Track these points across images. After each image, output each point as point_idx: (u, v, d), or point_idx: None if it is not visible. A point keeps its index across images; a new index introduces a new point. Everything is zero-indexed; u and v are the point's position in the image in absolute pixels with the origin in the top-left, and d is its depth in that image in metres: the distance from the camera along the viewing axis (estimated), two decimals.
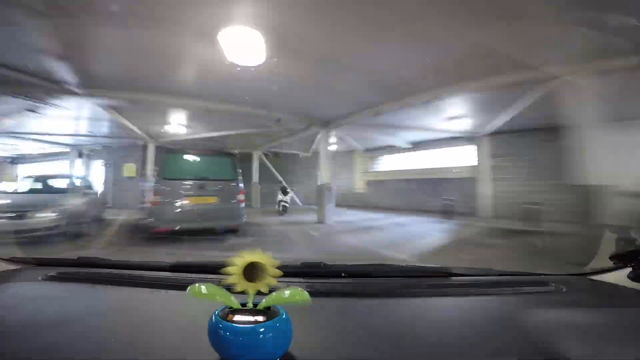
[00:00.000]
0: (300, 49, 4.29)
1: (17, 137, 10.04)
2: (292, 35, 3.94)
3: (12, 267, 1.15)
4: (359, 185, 14.64)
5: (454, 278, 1.06)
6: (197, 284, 0.57)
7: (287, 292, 0.59)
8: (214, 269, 0.60)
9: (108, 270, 1.11)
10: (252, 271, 0.56)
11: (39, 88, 5.32)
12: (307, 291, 0.82)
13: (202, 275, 1.03)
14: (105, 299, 0.90)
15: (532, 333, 0.67)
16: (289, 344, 0.54)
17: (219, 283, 0.58)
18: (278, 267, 0.93)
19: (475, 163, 10.67)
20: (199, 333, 0.58)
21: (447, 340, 0.66)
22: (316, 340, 0.64)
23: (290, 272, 1.01)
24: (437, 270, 1.12)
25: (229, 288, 0.58)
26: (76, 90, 5.54)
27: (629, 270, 0.93)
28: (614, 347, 0.62)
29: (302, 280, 1.00)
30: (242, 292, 0.56)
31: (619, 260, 0.97)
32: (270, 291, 0.66)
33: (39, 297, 0.89)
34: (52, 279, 1.03)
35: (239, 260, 0.57)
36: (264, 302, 0.57)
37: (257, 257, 0.57)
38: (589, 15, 3.45)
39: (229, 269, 0.56)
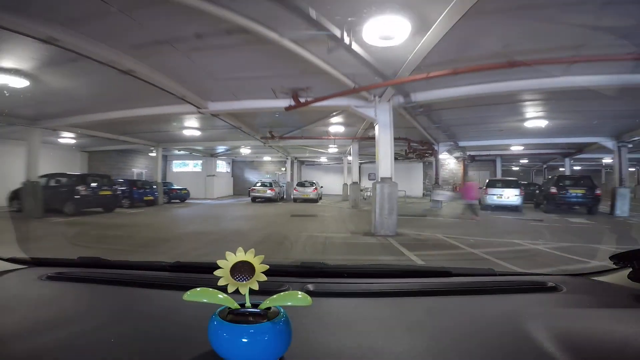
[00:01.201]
0: None
1: None
2: None
3: (12, 267, 1.14)
4: None
5: (454, 278, 1.06)
6: (192, 290, 0.57)
7: (288, 294, 0.59)
8: (213, 269, 0.60)
9: (108, 270, 1.11)
10: (241, 271, 0.57)
11: None
12: (307, 291, 0.80)
13: (201, 275, 1.05)
14: (105, 299, 0.90)
15: (532, 333, 0.66)
16: (289, 344, 0.54)
17: (217, 284, 0.57)
18: (279, 268, 0.95)
19: None
20: (199, 333, 0.58)
21: (447, 340, 0.66)
22: (316, 341, 0.64)
23: (290, 272, 1.04)
24: (437, 270, 1.12)
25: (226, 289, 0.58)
26: None
27: (629, 270, 0.92)
28: (614, 347, 0.62)
29: (302, 280, 1.00)
30: (237, 293, 0.56)
31: (619, 260, 0.96)
32: (271, 292, 0.67)
33: (39, 297, 0.89)
34: (52, 279, 1.02)
35: (224, 262, 0.57)
36: (264, 303, 0.57)
37: (242, 257, 0.57)
38: None
39: (217, 272, 0.57)
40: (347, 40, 4.48)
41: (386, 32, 4.32)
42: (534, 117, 9.96)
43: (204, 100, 8.24)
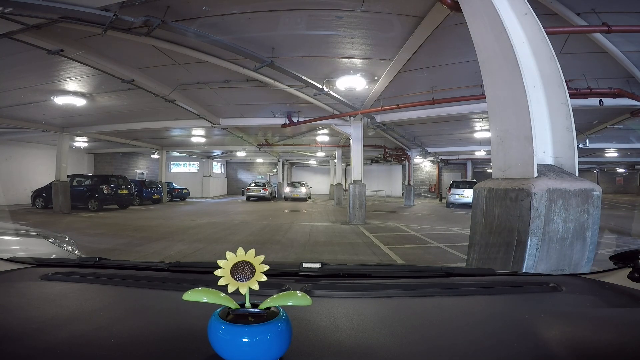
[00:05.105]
0: None
1: None
2: None
3: (12, 267, 1.14)
4: None
5: (454, 278, 1.06)
6: (192, 290, 0.57)
7: (288, 294, 0.59)
8: (213, 269, 0.58)
9: (108, 271, 1.12)
10: (241, 270, 0.57)
11: None
12: (307, 291, 0.84)
13: (201, 276, 1.06)
14: (105, 299, 0.88)
15: (532, 333, 0.67)
16: (289, 344, 0.54)
17: (216, 284, 0.57)
18: (279, 268, 1.04)
19: None
20: (199, 333, 0.60)
21: (446, 341, 0.65)
22: (316, 341, 0.63)
23: (290, 272, 1.04)
24: (437, 270, 1.12)
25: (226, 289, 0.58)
26: None
27: (629, 270, 0.92)
28: (613, 347, 0.61)
29: (302, 280, 1.01)
30: (237, 293, 0.56)
31: (619, 260, 0.96)
32: (271, 292, 0.70)
33: (39, 297, 0.87)
34: (51, 279, 1.01)
35: (224, 262, 0.58)
36: (264, 302, 0.56)
37: (243, 257, 0.58)
38: None
39: (217, 272, 0.57)
40: (325, 89, 6.88)
41: (350, 84, 6.79)
42: (480, 130, 12.50)
43: (217, 117, 10.47)
